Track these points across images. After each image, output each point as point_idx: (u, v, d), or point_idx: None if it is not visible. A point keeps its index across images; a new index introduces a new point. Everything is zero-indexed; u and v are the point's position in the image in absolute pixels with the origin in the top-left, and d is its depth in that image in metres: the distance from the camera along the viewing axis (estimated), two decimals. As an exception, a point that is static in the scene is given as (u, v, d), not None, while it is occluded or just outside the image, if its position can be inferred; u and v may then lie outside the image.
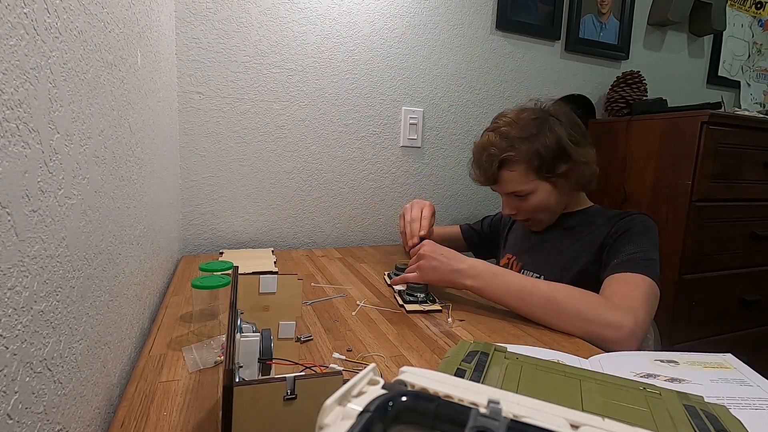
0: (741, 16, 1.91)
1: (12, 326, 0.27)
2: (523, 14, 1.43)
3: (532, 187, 0.87)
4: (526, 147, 0.85)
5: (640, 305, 0.69)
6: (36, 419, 0.30)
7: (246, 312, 0.48)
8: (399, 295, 0.83)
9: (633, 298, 0.70)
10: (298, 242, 1.26)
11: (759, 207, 1.34)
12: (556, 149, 0.84)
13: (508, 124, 0.88)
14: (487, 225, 1.20)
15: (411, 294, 0.81)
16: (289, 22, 1.15)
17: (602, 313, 0.67)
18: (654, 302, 0.72)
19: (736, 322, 1.41)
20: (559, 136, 0.85)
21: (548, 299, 0.71)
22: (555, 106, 0.91)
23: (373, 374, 0.22)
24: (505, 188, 0.90)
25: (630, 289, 0.72)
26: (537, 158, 0.84)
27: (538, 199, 0.88)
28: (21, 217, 0.28)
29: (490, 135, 0.90)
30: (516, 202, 0.91)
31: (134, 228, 0.60)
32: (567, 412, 0.19)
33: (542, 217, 0.92)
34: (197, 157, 1.11)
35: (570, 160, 0.85)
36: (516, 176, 0.87)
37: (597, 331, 0.66)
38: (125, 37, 0.56)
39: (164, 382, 0.51)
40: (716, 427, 0.38)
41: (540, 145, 0.84)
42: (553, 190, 0.88)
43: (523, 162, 0.85)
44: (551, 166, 0.85)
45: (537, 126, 0.86)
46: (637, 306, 0.68)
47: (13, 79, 0.27)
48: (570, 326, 0.69)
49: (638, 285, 0.72)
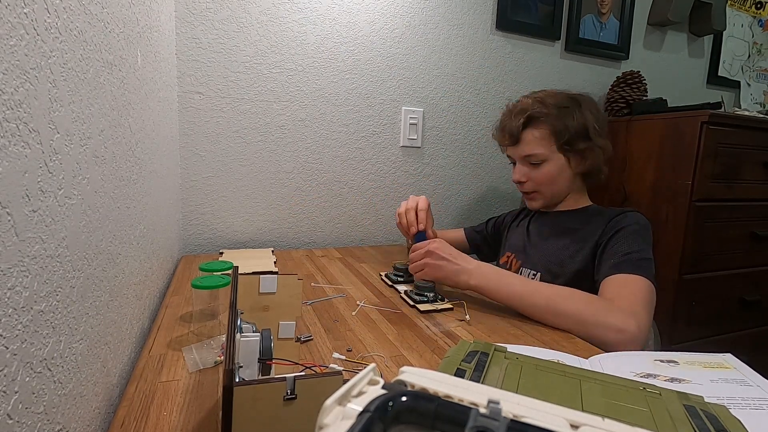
0: (741, 16, 1.91)
1: (12, 326, 0.27)
2: (523, 14, 1.43)
3: (548, 154, 0.92)
4: (555, 113, 0.90)
5: (642, 309, 0.70)
6: (36, 419, 0.30)
7: (246, 312, 0.48)
8: (407, 295, 0.82)
9: (634, 302, 0.70)
10: (298, 242, 1.26)
11: (759, 207, 1.34)
12: (582, 128, 0.90)
13: (544, 94, 0.95)
14: (491, 227, 1.21)
15: (420, 294, 0.81)
16: (289, 22, 1.15)
17: (605, 316, 0.67)
18: (653, 304, 0.73)
19: (736, 322, 1.41)
20: (587, 117, 0.91)
21: (550, 301, 0.72)
22: (590, 98, 0.97)
23: (373, 374, 0.22)
24: (522, 149, 0.94)
25: (630, 291, 0.72)
26: (562, 128, 0.90)
27: (551, 169, 0.92)
28: (21, 217, 0.28)
29: (525, 99, 0.97)
30: (528, 169, 0.95)
31: (134, 228, 0.60)
32: (567, 412, 0.19)
33: (547, 192, 0.95)
34: (197, 157, 1.11)
35: (590, 141, 0.90)
36: (538, 137, 0.92)
37: (600, 333, 0.67)
38: (125, 37, 0.56)
39: (164, 382, 0.51)
40: (716, 427, 0.38)
41: (569, 118, 0.90)
42: (566, 165, 0.92)
43: (549, 125, 0.91)
44: (572, 140, 0.90)
45: (570, 103, 0.92)
46: (639, 309, 0.69)
47: (13, 79, 0.27)
48: (573, 328, 0.69)
49: (638, 287, 0.73)
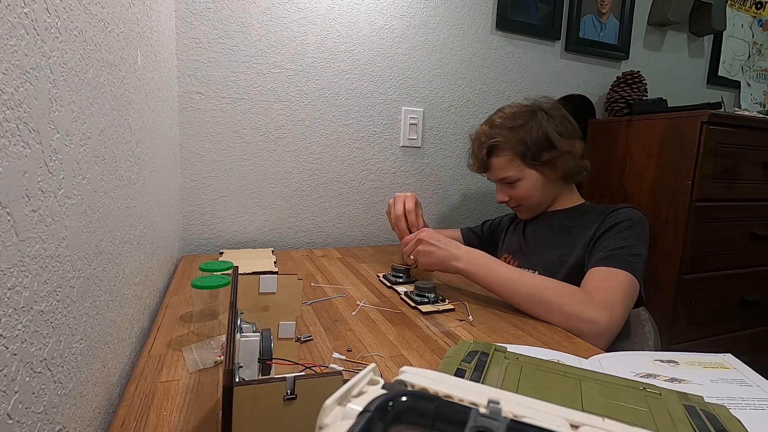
0: (741, 16, 1.91)
1: (12, 326, 0.27)
2: (523, 14, 1.43)
3: (519, 174, 0.94)
4: (512, 135, 0.92)
5: (617, 302, 0.72)
6: (36, 419, 0.30)
7: (246, 312, 0.48)
8: (408, 297, 0.82)
9: (611, 294, 0.73)
10: (298, 242, 1.26)
11: (759, 207, 1.34)
12: (542, 139, 0.90)
13: (499, 116, 0.97)
14: (486, 228, 1.22)
15: (420, 295, 0.81)
16: (289, 22, 1.15)
17: (581, 308, 0.71)
18: (632, 299, 0.76)
19: (736, 322, 1.41)
20: (544, 126, 0.90)
21: (532, 290, 0.75)
22: (547, 102, 0.96)
23: (373, 374, 0.22)
24: (495, 174, 0.97)
25: (610, 285, 0.75)
26: (522, 145, 0.91)
27: (527, 186, 0.94)
28: (21, 217, 0.28)
29: (483, 126, 1.00)
30: (507, 189, 0.97)
31: (134, 228, 0.60)
32: (567, 412, 0.19)
33: (531, 204, 0.97)
34: (197, 157, 1.11)
35: (554, 150, 0.90)
36: (504, 162, 0.94)
37: (574, 324, 0.70)
38: (125, 37, 0.56)
39: (164, 382, 0.51)
40: (716, 427, 0.38)
41: (525, 134, 0.91)
42: (540, 178, 0.93)
43: (509, 149, 0.93)
44: (536, 154, 0.90)
45: (525, 117, 0.93)
46: (614, 303, 0.72)
47: (13, 79, 0.27)
48: (551, 318, 0.73)
49: (618, 282, 0.75)
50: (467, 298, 0.84)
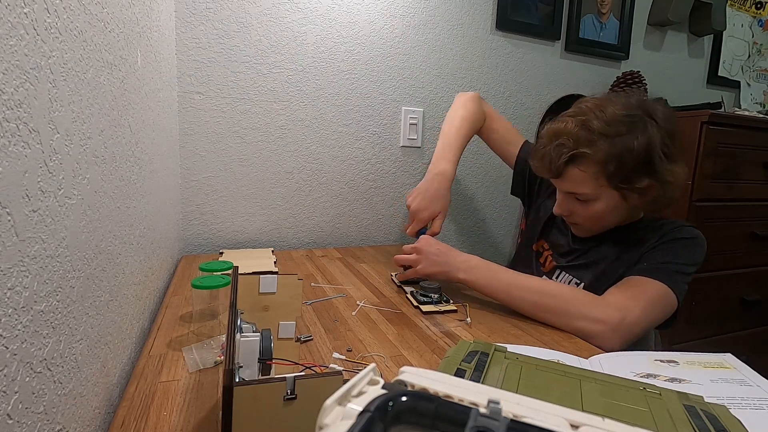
0: (741, 16, 1.91)
1: (12, 326, 0.27)
2: (523, 14, 1.43)
3: (598, 194, 0.75)
4: (606, 146, 0.71)
5: (638, 306, 0.66)
6: (36, 419, 0.30)
7: (246, 312, 0.48)
8: (413, 296, 0.82)
9: (632, 298, 0.68)
10: (298, 242, 1.26)
11: (759, 207, 1.34)
12: (643, 158, 0.71)
13: (593, 114, 0.74)
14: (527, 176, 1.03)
15: (425, 295, 0.81)
16: (289, 22, 1.15)
17: (588, 309, 0.68)
18: (661, 308, 0.69)
19: (736, 322, 1.41)
20: (651, 143, 0.70)
21: (536, 298, 0.72)
22: (662, 108, 0.76)
23: (373, 374, 0.22)
24: (567, 186, 0.78)
25: (635, 291, 0.69)
26: (616, 163, 0.71)
27: (600, 208, 0.76)
28: (21, 217, 0.28)
29: (569, 121, 0.75)
30: (573, 204, 0.79)
31: (134, 228, 0.60)
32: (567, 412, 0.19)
33: (595, 227, 0.82)
34: (197, 157, 1.11)
35: (654, 176, 0.71)
36: (585, 177, 0.74)
37: (581, 325, 0.67)
38: (125, 37, 0.56)
39: (164, 382, 0.51)
40: (716, 427, 0.38)
41: (624, 149, 0.70)
42: (621, 202, 0.75)
43: (598, 163, 0.72)
44: (630, 177, 0.72)
45: (628, 125, 0.71)
46: (632, 306, 0.67)
47: (13, 79, 0.27)
48: (558, 323, 0.70)
49: (646, 288, 0.69)
50: (470, 299, 0.84)
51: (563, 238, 0.92)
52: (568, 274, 0.88)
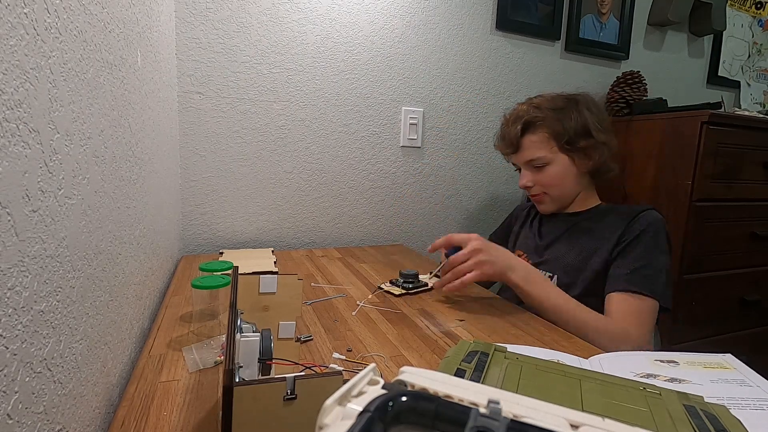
0: (741, 16, 1.91)
1: (12, 326, 0.27)
2: (523, 14, 1.43)
3: (551, 157, 0.91)
4: (551, 115, 0.90)
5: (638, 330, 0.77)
6: (36, 419, 0.30)
7: (246, 312, 0.48)
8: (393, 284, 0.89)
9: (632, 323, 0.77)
10: (298, 242, 1.26)
11: (759, 207, 1.34)
12: (581, 126, 0.89)
13: (537, 98, 0.96)
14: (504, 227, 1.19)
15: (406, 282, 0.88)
16: (289, 22, 1.15)
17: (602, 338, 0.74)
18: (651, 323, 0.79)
19: (736, 322, 1.41)
20: (585, 116, 0.89)
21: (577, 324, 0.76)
22: (588, 96, 0.95)
23: (373, 374, 0.22)
24: (525, 155, 0.94)
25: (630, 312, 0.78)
26: (560, 127, 0.89)
27: (555, 171, 0.92)
28: (21, 217, 0.28)
29: (520, 105, 0.97)
30: (534, 173, 0.94)
31: (134, 228, 0.60)
32: (567, 412, 0.19)
33: (555, 194, 0.95)
34: (197, 157, 1.11)
35: (591, 139, 0.89)
36: (537, 141, 0.91)
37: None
38: (125, 37, 0.56)
39: (164, 382, 0.51)
40: (716, 427, 0.38)
41: (565, 118, 0.89)
42: (570, 164, 0.91)
43: (546, 127, 0.90)
44: (572, 139, 0.89)
45: (566, 103, 0.91)
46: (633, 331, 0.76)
47: (13, 79, 0.27)
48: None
49: (640, 308, 0.78)
50: (471, 299, 0.84)
51: (530, 235, 1.04)
52: (541, 269, 0.94)
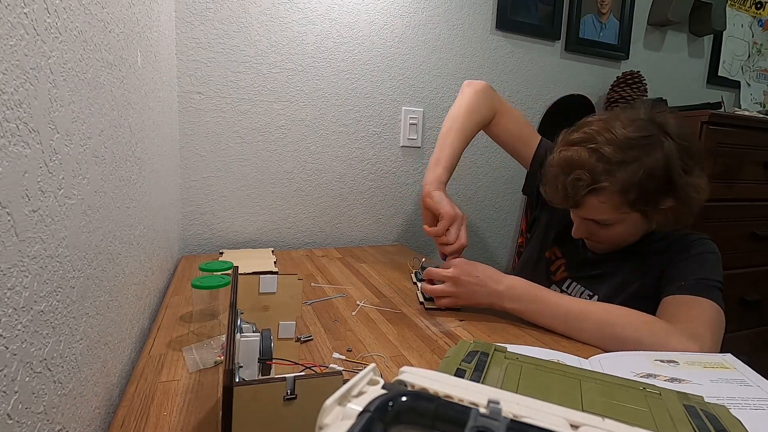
0: (741, 16, 1.91)
1: (12, 326, 0.27)
2: (523, 14, 1.43)
3: (619, 218, 0.73)
4: (624, 175, 0.68)
5: (708, 332, 0.62)
6: (36, 419, 0.30)
7: (246, 312, 0.48)
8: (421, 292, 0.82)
9: (699, 324, 0.63)
10: (298, 242, 1.26)
11: (759, 207, 1.34)
12: (662, 179, 0.68)
13: (606, 140, 0.70)
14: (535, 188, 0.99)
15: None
16: (289, 22, 1.15)
17: (665, 340, 0.61)
18: (721, 331, 0.65)
19: (736, 322, 1.41)
20: (669, 161, 0.68)
21: (602, 325, 0.64)
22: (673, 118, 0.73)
23: (373, 374, 0.22)
24: (586, 214, 0.75)
25: (696, 313, 0.65)
26: (636, 190, 0.68)
27: (622, 230, 0.75)
28: (21, 217, 0.28)
29: (581, 152, 0.71)
30: (592, 228, 0.77)
31: (134, 228, 0.60)
32: (567, 412, 0.19)
33: (616, 244, 0.80)
34: (197, 157, 1.11)
35: (676, 194, 0.69)
36: (605, 207, 0.71)
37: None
38: (125, 37, 0.56)
39: (164, 382, 0.51)
40: (716, 427, 0.38)
41: (643, 174, 0.67)
42: (642, 222, 0.74)
43: (618, 193, 0.69)
44: (651, 199, 0.70)
45: (643, 147, 0.69)
46: (704, 333, 0.62)
47: (13, 79, 0.27)
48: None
49: (705, 310, 0.65)
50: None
51: (577, 250, 0.89)
52: (581, 285, 0.85)
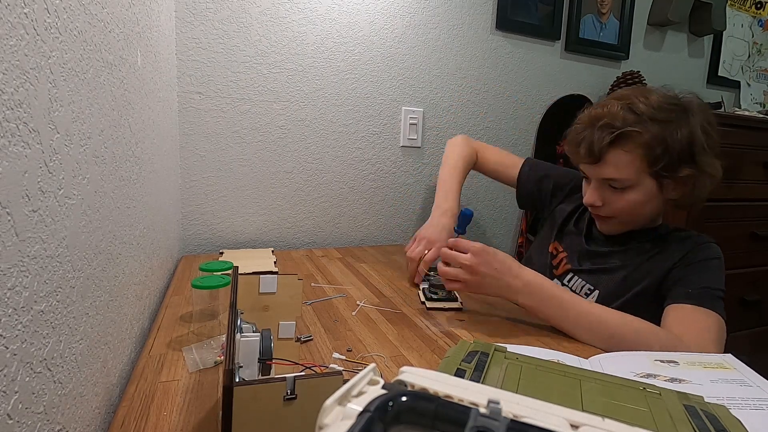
0: (741, 16, 1.91)
1: (12, 326, 0.27)
2: (523, 14, 1.43)
3: (636, 180, 0.73)
4: (655, 129, 0.71)
5: (712, 345, 0.64)
6: (36, 419, 0.30)
7: (246, 312, 0.48)
8: (423, 293, 0.83)
9: (708, 341, 0.64)
10: (298, 242, 1.26)
11: (759, 207, 1.34)
12: (687, 147, 0.71)
13: (638, 99, 0.74)
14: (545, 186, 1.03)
15: (433, 291, 0.82)
16: (289, 22, 1.15)
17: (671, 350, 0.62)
18: (723, 342, 0.67)
19: (736, 322, 1.41)
20: (695, 132, 0.71)
21: (612, 332, 0.65)
22: (696, 99, 0.77)
23: (373, 374, 0.22)
24: (605, 172, 0.75)
25: (703, 327, 0.66)
26: (662, 148, 0.70)
27: (636, 197, 0.75)
28: (21, 217, 0.28)
29: (614, 103, 0.75)
30: (607, 193, 0.77)
31: (134, 228, 0.60)
32: (567, 412, 0.19)
33: (625, 219, 0.80)
34: (197, 157, 1.11)
35: (695, 166, 0.72)
36: (628, 160, 0.72)
37: None
38: (125, 37, 0.56)
39: (164, 382, 0.51)
40: (716, 427, 0.38)
41: (671, 135, 0.70)
42: (657, 192, 0.75)
43: (644, 145, 0.71)
44: (672, 164, 0.71)
45: (676, 112, 0.73)
46: (709, 346, 0.64)
47: (13, 79, 0.27)
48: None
49: (712, 324, 0.67)
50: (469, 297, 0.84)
51: (576, 237, 0.90)
52: (581, 278, 0.85)
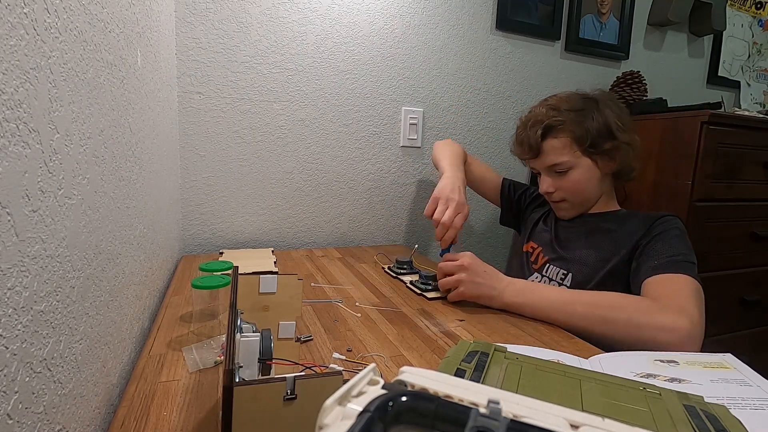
0: (741, 16, 1.91)
1: (12, 326, 0.27)
2: (523, 14, 1.43)
3: (574, 161, 0.87)
4: (572, 117, 0.86)
5: (692, 304, 0.66)
6: (36, 419, 0.30)
7: (246, 312, 0.48)
8: (414, 285, 0.87)
9: (683, 298, 0.67)
10: (298, 242, 1.26)
11: (759, 207, 1.34)
12: (603, 127, 0.85)
13: (556, 99, 0.91)
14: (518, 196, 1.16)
15: (425, 283, 0.85)
16: (289, 22, 1.15)
17: (653, 317, 0.64)
18: (702, 302, 0.69)
19: (736, 322, 1.40)
20: (607, 116, 0.86)
21: (593, 309, 0.69)
22: (603, 92, 0.92)
23: (373, 374, 0.22)
24: (546, 161, 0.89)
25: (676, 289, 0.69)
26: (582, 129, 0.85)
27: (578, 175, 0.88)
28: (21, 217, 0.28)
29: (537, 108, 0.92)
30: (555, 178, 0.90)
31: (134, 228, 0.60)
32: (567, 412, 0.19)
33: (577, 200, 0.91)
34: (197, 157, 1.11)
35: (615, 140, 0.85)
36: (559, 145, 0.87)
37: (650, 335, 0.64)
38: (125, 37, 0.56)
39: (164, 382, 0.51)
40: (716, 427, 0.38)
41: (586, 119, 0.85)
42: (593, 168, 0.88)
43: (568, 131, 0.86)
44: (596, 141, 0.85)
45: (585, 104, 0.88)
46: (688, 306, 0.66)
47: (13, 79, 0.27)
48: (620, 335, 0.66)
49: (684, 285, 0.70)
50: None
51: (545, 230, 1.00)
52: (555, 266, 0.92)
